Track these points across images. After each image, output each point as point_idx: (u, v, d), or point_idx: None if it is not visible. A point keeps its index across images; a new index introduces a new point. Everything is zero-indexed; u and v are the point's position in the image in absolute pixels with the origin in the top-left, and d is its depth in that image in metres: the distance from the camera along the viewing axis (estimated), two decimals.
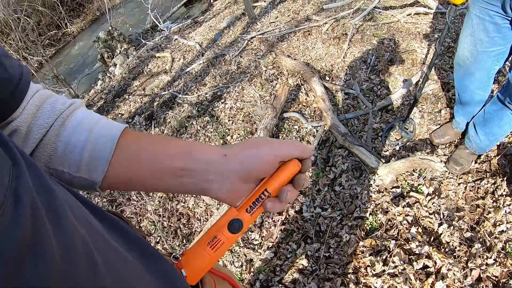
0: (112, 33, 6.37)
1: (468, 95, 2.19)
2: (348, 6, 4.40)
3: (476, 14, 1.84)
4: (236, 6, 6.23)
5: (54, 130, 0.54)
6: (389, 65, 3.30)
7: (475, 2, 1.82)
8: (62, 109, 0.56)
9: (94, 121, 0.57)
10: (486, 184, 2.18)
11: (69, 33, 10.62)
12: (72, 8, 11.89)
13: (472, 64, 2.01)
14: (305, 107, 3.23)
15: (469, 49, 1.98)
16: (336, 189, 2.46)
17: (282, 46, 4.22)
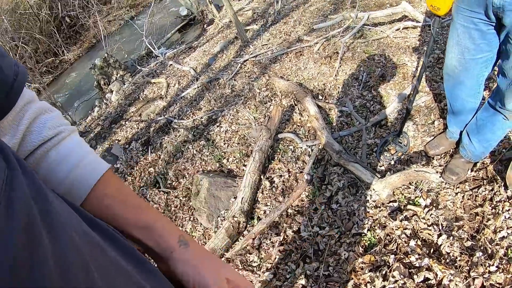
0: (108, 60, 6.48)
1: (459, 103, 2.19)
2: (338, 24, 4.47)
3: (461, 23, 1.86)
4: (229, 31, 6.34)
5: (36, 155, 0.55)
6: (381, 81, 3.32)
7: (459, 12, 1.84)
8: (50, 135, 0.56)
9: (79, 157, 0.59)
10: (483, 192, 2.16)
11: (66, 60, 10.81)
12: (69, 36, 12.13)
13: (461, 73, 2.02)
14: (299, 127, 3.24)
15: (456, 58, 1.99)
16: (333, 207, 2.44)
17: (275, 67, 4.27)
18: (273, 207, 2.66)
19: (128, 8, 12.86)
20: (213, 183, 2.91)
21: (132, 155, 4.02)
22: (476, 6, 1.72)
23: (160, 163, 3.69)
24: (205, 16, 8.09)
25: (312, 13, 5.35)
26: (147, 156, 3.87)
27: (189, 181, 3.26)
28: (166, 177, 3.48)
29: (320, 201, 2.52)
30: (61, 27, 11.94)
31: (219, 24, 7.02)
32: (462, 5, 1.80)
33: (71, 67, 10.51)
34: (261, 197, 2.78)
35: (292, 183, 2.77)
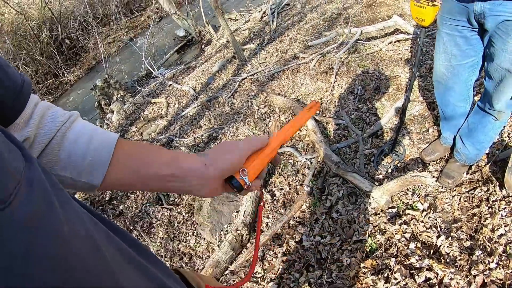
0: (108, 80, 6.57)
1: (450, 109, 2.28)
2: (332, 41, 4.59)
3: (446, 31, 1.96)
4: (227, 50, 6.46)
5: (56, 140, 0.60)
6: (376, 93, 3.41)
7: (443, 21, 1.95)
8: (63, 120, 0.62)
9: (91, 131, 0.64)
10: (480, 193, 2.23)
11: (66, 82, 10.89)
12: (69, 57, 12.24)
13: (449, 79, 2.12)
14: (298, 141, 3.31)
15: (444, 65, 2.08)
16: (333, 216, 2.50)
17: (272, 85, 4.37)
18: (275, 219, 2.72)
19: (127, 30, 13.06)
20: (215, 198, 2.97)
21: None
22: (459, 14, 1.83)
23: None
24: (202, 37, 8.23)
25: (307, 30, 5.49)
26: None
27: (191, 197, 3.31)
28: (168, 194, 3.53)
29: (320, 211, 2.57)
30: (61, 49, 12.09)
31: (217, 44, 7.16)
32: (446, 15, 1.91)
33: (71, 88, 10.61)
34: (262, 211, 2.83)
35: (293, 195, 2.83)
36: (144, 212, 3.47)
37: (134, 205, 3.63)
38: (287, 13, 6.93)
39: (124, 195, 3.84)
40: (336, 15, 5.65)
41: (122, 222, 3.46)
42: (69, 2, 13.96)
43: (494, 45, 1.73)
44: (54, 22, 12.22)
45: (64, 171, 0.61)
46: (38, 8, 12.54)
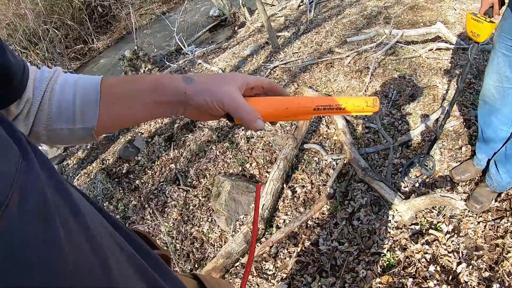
0: (137, 52, 6.55)
1: (491, 131, 2.18)
2: (371, 40, 4.46)
3: (502, 51, 1.86)
4: (260, 35, 6.37)
5: (47, 94, 0.63)
6: (410, 100, 3.31)
7: (501, 40, 1.85)
8: (49, 76, 0.64)
9: (76, 78, 0.66)
10: (506, 223, 2.14)
11: (94, 49, 11.01)
12: (100, 25, 12.35)
13: (498, 100, 2.02)
14: (325, 139, 3.24)
15: (494, 85, 1.99)
16: (354, 223, 2.45)
17: (304, 76, 4.28)
18: (293, 217, 2.68)
19: (160, 3, 13.02)
20: (235, 187, 2.93)
21: (154, 149, 4.07)
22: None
23: (182, 160, 3.73)
24: (236, 19, 8.14)
25: (344, 25, 5.35)
26: (169, 152, 3.91)
27: (209, 182, 3.28)
28: (186, 175, 3.51)
29: (341, 216, 2.52)
30: (93, 16, 12.14)
31: (251, 27, 7.06)
32: (505, 34, 1.81)
33: (99, 55, 10.68)
34: (281, 206, 2.79)
35: (315, 195, 2.78)
36: (160, 190, 3.47)
37: (151, 182, 3.63)
38: (325, 5, 6.79)
39: (142, 170, 3.84)
40: (376, 13, 5.50)
41: (136, 198, 3.47)
42: None
43: None
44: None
45: (59, 123, 0.63)
46: None
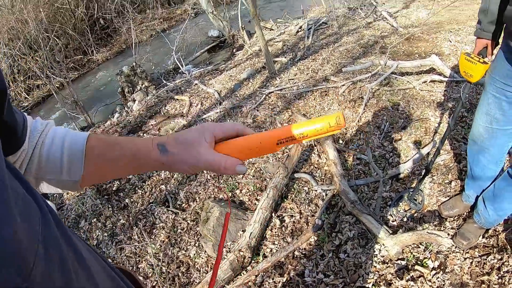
0: (135, 69, 6.60)
1: (480, 169, 2.21)
2: (366, 70, 4.51)
3: (492, 93, 1.89)
4: (257, 59, 6.44)
5: (37, 146, 0.67)
6: (403, 133, 3.33)
7: (491, 82, 1.88)
8: (41, 128, 0.69)
9: (64, 133, 0.70)
10: (492, 260, 2.14)
11: (93, 61, 11.07)
12: (100, 37, 12.48)
13: (486, 140, 2.05)
14: (316, 169, 3.24)
15: (484, 126, 2.01)
16: (340, 256, 2.43)
17: (298, 104, 4.31)
18: (280, 246, 2.66)
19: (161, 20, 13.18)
20: (223, 213, 2.92)
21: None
22: (510, 79, 1.76)
23: (172, 182, 3.71)
24: (235, 41, 8.23)
25: (341, 53, 5.42)
26: (161, 173, 3.90)
27: (199, 206, 3.27)
28: (176, 197, 3.50)
29: (328, 248, 2.50)
30: (94, 28, 12.29)
31: (249, 50, 7.14)
32: (496, 76, 1.84)
33: (98, 68, 10.76)
34: (269, 235, 2.77)
35: (303, 225, 2.77)
36: (149, 210, 3.44)
37: (140, 201, 3.60)
38: (323, 32, 6.89)
39: (132, 189, 3.82)
40: (372, 42, 5.59)
41: (125, 216, 3.44)
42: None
43: None
44: (91, 0, 12.38)
45: (48, 174, 0.67)
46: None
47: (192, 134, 0.70)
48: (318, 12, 8.81)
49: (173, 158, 0.69)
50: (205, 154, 0.68)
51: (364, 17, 6.95)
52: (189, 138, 0.69)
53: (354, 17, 7.13)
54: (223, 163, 0.68)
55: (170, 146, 0.69)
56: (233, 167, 0.69)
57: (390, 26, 6.20)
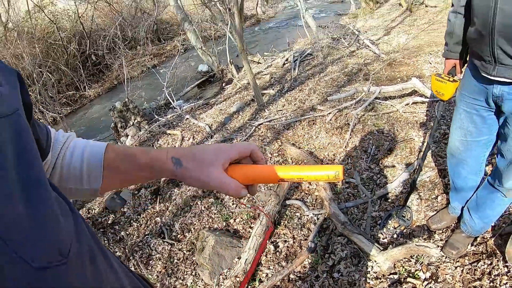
0: (128, 104, 6.71)
1: (461, 181, 2.32)
2: (351, 97, 4.67)
3: (464, 108, 2.04)
4: (246, 92, 6.60)
5: (60, 157, 0.72)
6: (389, 154, 3.45)
7: (462, 98, 2.03)
8: (63, 140, 0.75)
9: (84, 145, 0.76)
10: (482, 266, 2.22)
11: (86, 96, 11.17)
12: (93, 73, 12.65)
13: (463, 153, 2.18)
14: (307, 195, 3.33)
15: (459, 140, 2.15)
16: (334, 275, 2.48)
17: (287, 134, 4.43)
18: (275, 271, 2.71)
19: (152, 56, 13.45)
20: (219, 242, 2.97)
21: (140, 202, 4.11)
22: (478, 94, 1.90)
23: (167, 214, 3.76)
24: (224, 75, 8.45)
25: (327, 82, 5.60)
26: (155, 205, 3.95)
27: (194, 236, 3.31)
28: (172, 229, 3.54)
29: (322, 269, 2.56)
30: (86, 64, 12.50)
31: (237, 84, 7.33)
32: (465, 93, 1.99)
33: (90, 103, 10.88)
34: (264, 260, 2.82)
35: (296, 249, 2.83)
36: (145, 242, 3.47)
37: (136, 233, 3.64)
38: (309, 63, 7.11)
39: (127, 222, 3.86)
40: (356, 70, 5.79)
41: (121, 249, 3.47)
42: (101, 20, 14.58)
43: (509, 127, 1.78)
44: (83, 37, 12.70)
45: (69, 183, 0.73)
46: (71, 21, 13.11)
47: (209, 155, 0.74)
48: (303, 44, 9.12)
49: (186, 172, 0.74)
50: (217, 177, 0.73)
51: (348, 46, 7.22)
52: (207, 158, 0.74)
53: (338, 47, 7.39)
54: (230, 186, 0.74)
55: (186, 161, 0.74)
56: (238, 192, 0.75)
57: (372, 53, 6.44)
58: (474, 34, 1.78)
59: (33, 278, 0.36)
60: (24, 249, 0.36)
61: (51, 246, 0.40)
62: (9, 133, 0.40)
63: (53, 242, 0.40)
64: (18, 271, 0.35)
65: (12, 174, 0.38)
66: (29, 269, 0.36)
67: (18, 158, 0.40)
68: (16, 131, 0.42)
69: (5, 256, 0.34)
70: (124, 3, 15.79)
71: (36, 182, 0.41)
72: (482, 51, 1.73)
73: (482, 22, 1.67)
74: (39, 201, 0.40)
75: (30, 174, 0.41)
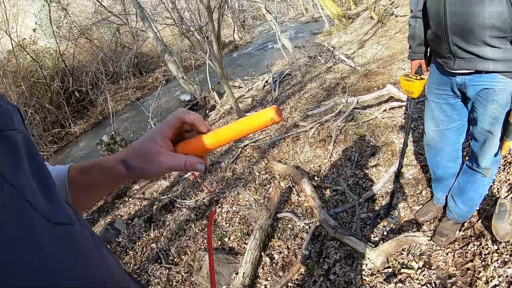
0: (115, 137, 6.75)
1: (441, 170, 2.45)
2: (331, 110, 4.81)
3: (433, 100, 2.21)
4: (230, 116, 6.71)
5: None
6: (372, 159, 3.57)
7: (430, 91, 2.21)
8: None
9: (51, 169, 0.78)
10: (472, 247, 2.31)
11: (72, 133, 11.17)
12: (77, 110, 12.63)
13: (439, 142, 2.32)
14: (297, 207, 3.42)
15: (433, 130, 2.31)
16: (331, 278, 2.55)
17: (273, 152, 4.54)
18: (273, 281, 2.76)
19: (135, 89, 13.57)
20: (215, 260, 3.02)
21: (134, 231, 4.13)
22: (444, 85, 2.08)
23: (162, 239, 3.80)
24: (207, 102, 8.57)
25: (307, 99, 5.76)
26: (150, 233, 3.98)
27: (191, 258, 3.35)
28: (168, 253, 3.57)
29: (318, 273, 2.62)
30: (70, 100, 12.51)
31: (221, 110, 7.45)
32: (433, 85, 2.18)
33: (76, 140, 10.86)
34: (261, 273, 2.87)
35: (292, 258, 2.89)
36: (143, 269, 3.49)
37: (133, 261, 3.65)
38: (288, 82, 7.29)
39: (123, 251, 3.87)
40: (334, 84, 5.96)
41: None
42: (82, 57, 14.71)
43: (476, 111, 1.93)
44: (66, 74, 12.78)
45: None
46: (53, 59, 13.17)
47: (146, 144, 0.73)
48: (281, 65, 9.34)
49: (139, 171, 0.75)
50: (166, 160, 0.73)
51: (324, 63, 7.43)
52: (145, 148, 0.73)
53: (315, 64, 7.60)
54: (183, 163, 0.73)
55: (133, 161, 0.75)
56: (194, 165, 0.73)
57: (348, 67, 6.65)
58: (432, 36, 1.99)
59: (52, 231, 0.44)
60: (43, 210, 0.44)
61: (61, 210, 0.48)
62: (23, 145, 0.48)
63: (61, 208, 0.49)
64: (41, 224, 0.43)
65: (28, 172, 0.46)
66: (48, 223, 0.44)
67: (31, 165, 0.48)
68: (29, 145, 0.49)
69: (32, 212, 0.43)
70: (104, 38, 16.04)
71: (44, 173, 0.50)
72: (442, 50, 1.92)
73: (436, 24, 1.88)
74: (48, 184, 0.49)
75: (41, 168, 0.50)
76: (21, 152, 0.46)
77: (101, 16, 13.83)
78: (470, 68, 1.83)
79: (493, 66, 1.74)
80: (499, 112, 1.82)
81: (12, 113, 0.49)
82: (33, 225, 0.41)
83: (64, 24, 14.71)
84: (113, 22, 12.60)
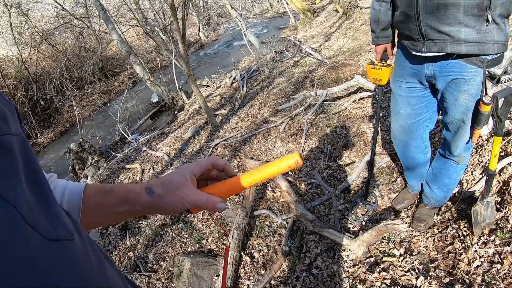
0: (83, 145, 6.59)
1: (411, 161, 2.46)
2: (300, 103, 4.81)
3: (399, 93, 2.17)
4: (199, 116, 6.64)
5: None
6: (344, 150, 3.58)
7: (396, 84, 2.16)
8: (47, 178, 0.76)
9: (65, 184, 0.78)
10: (452, 231, 2.34)
11: (39, 143, 10.89)
12: (43, 119, 12.31)
13: (406, 135, 2.31)
14: (273, 203, 3.39)
15: (400, 124, 2.28)
16: (313, 272, 2.53)
17: (245, 149, 4.50)
18: (255, 280, 2.73)
19: (101, 94, 13.28)
20: (195, 263, 2.96)
21: (110, 240, 4.03)
22: (411, 77, 2.04)
23: (139, 247, 3.71)
24: (175, 103, 8.46)
25: (276, 94, 5.75)
26: (126, 241, 3.89)
27: (170, 264, 3.28)
28: (146, 261, 3.49)
29: (300, 268, 2.61)
30: (35, 109, 12.16)
31: (189, 110, 7.36)
32: (398, 79, 2.13)
33: (44, 150, 10.56)
34: (243, 273, 2.84)
35: (272, 256, 2.86)
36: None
37: None
38: (256, 78, 7.26)
39: None
40: (302, 78, 5.97)
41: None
42: (45, 63, 14.27)
43: (447, 101, 1.90)
44: (30, 82, 12.42)
45: None
46: (15, 67, 12.74)
47: (175, 177, 0.77)
48: (248, 62, 9.30)
49: (160, 199, 0.77)
50: (190, 194, 0.76)
51: (291, 57, 7.44)
52: (173, 181, 0.77)
53: (282, 59, 7.60)
54: (205, 200, 0.77)
55: (157, 189, 0.77)
56: (214, 203, 0.77)
57: (316, 60, 6.68)
58: (400, 17, 1.90)
59: (47, 248, 0.41)
60: (39, 226, 0.41)
61: (60, 224, 0.45)
62: (19, 151, 0.44)
63: (60, 222, 0.46)
64: (36, 242, 0.39)
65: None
66: (44, 240, 0.41)
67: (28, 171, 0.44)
68: (26, 149, 0.46)
69: (27, 229, 0.39)
70: (67, 43, 15.62)
71: (41, 181, 0.47)
72: (411, 31, 1.83)
73: (407, 4, 1.77)
74: (46, 194, 0.47)
75: (38, 176, 0.46)
76: (17, 160, 0.43)
77: (63, 20, 13.48)
78: (441, 51, 1.76)
79: (465, 48, 1.67)
80: (470, 101, 1.79)
81: (6, 114, 0.45)
82: (27, 244, 0.38)
83: (26, 30, 14.23)
84: (76, 25, 12.27)
